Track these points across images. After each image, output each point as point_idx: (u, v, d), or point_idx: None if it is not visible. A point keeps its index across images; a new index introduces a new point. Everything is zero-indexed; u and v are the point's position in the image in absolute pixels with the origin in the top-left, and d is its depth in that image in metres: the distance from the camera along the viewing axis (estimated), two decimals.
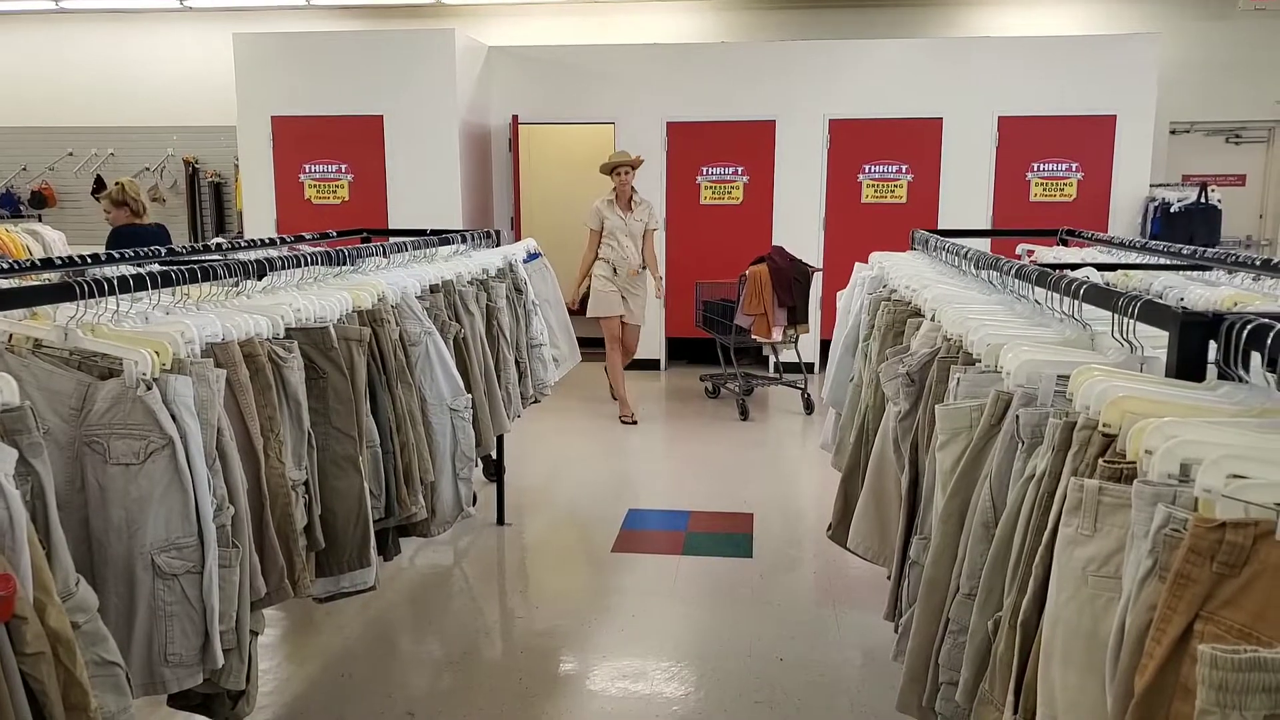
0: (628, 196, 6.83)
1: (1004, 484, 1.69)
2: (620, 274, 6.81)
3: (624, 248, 6.81)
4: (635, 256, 6.86)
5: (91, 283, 2.07)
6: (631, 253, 6.83)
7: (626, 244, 6.82)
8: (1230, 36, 8.71)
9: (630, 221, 6.83)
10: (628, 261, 6.82)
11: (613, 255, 6.81)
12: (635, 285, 6.90)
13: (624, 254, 6.80)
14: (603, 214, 6.83)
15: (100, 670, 1.67)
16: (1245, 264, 2.93)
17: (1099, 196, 8.10)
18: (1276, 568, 0.99)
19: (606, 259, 6.82)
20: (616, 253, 6.80)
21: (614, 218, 6.83)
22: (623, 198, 6.81)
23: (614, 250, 6.82)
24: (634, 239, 6.85)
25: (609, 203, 6.82)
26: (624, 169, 6.76)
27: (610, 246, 6.84)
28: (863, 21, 9.10)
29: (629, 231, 6.82)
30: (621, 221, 6.81)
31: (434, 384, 3.16)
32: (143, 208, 6.10)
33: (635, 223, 6.85)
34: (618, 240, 6.82)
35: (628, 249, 6.82)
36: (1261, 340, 1.33)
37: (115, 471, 1.91)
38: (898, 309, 2.91)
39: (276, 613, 3.64)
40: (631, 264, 6.82)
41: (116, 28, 9.82)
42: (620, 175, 6.75)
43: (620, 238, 6.81)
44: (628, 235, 6.83)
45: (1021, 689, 1.45)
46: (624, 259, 6.81)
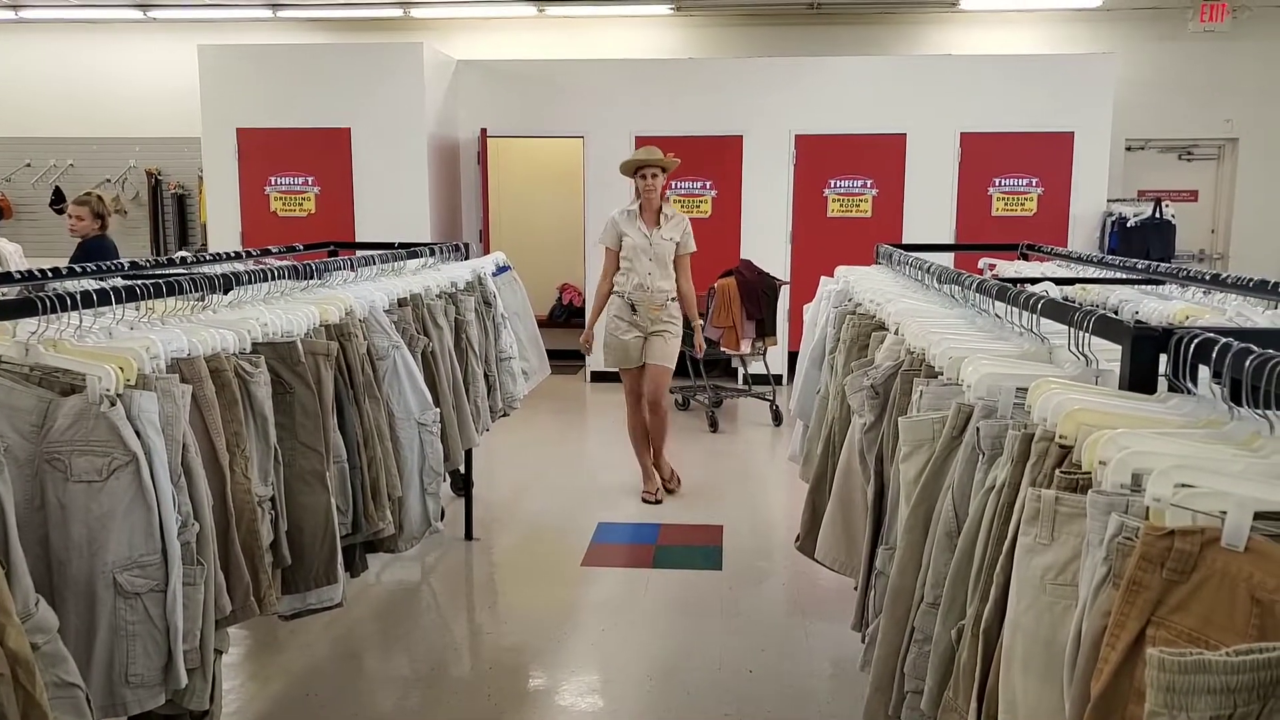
0: (656, 207, 5.22)
1: (966, 494, 1.72)
2: (640, 313, 5.15)
3: (646, 275, 5.16)
4: (660, 287, 5.19)
5: (53, 297, 2.05)
6: (656, 282, 5.17)
7: (650, 270, 5.17)
8: (1182, 57, 8.92)
9: (656, 240, 5.18)
10: (650, 296, 5.15)
11: (630, 286, 5.17)
12: (660, 319, 5.22)
13: (645, 283, 5.16)
14: (620, 228, 5.21)
15: (60, 692, 1.65)
16: (1196, 279, 3.01)
17: (1058, 211, 8.24)
18: (1223, 573, 1.02)
19: (622, 291, 5.18)
20: (635, 281, 5.17)
21: (635, 234, 5.19)
22: (649, 208, 5.21)
23: (633, 278, 5.18)
24: (660, 263, 5.20)
25: (629, 214, 5.23)
26: (650, 170, 5.14)
27: (628, 273, 5.19)
28: (829, 39, 9.21)
29: (654, 253, 5.17)
30: (645, 239, 5.17)
31: (402, 398, 3.16)
32: (104, 223, 6.05)
33: (663, 242, 5.19)
34: (638, 265, 5.17)
35: (651, 277, 5.17)
36: (1208, 354, 1.37)
37: (77, 489, 1.89)
38: (862, 323, 2.95)
39: (241, 631, 3.61)
40: (654, 299, 5.16)
41: (78, 38, 9.71)
42: (646, 179, 5.14)
43: (642, 261, 5.16)
44: (652, 258, 5.17)
45: (984, 696, 1.48)
46: (645, 292, 5.16)
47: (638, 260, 5.17)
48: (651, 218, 5.22)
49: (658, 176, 5.14)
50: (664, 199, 5.28)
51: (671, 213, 5.28)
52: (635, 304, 5.15)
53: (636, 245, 5.17)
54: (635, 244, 5.17)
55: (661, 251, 5.18)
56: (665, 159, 5.16)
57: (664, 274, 5.20)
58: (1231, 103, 8.91)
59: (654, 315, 5.17)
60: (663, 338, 5.21)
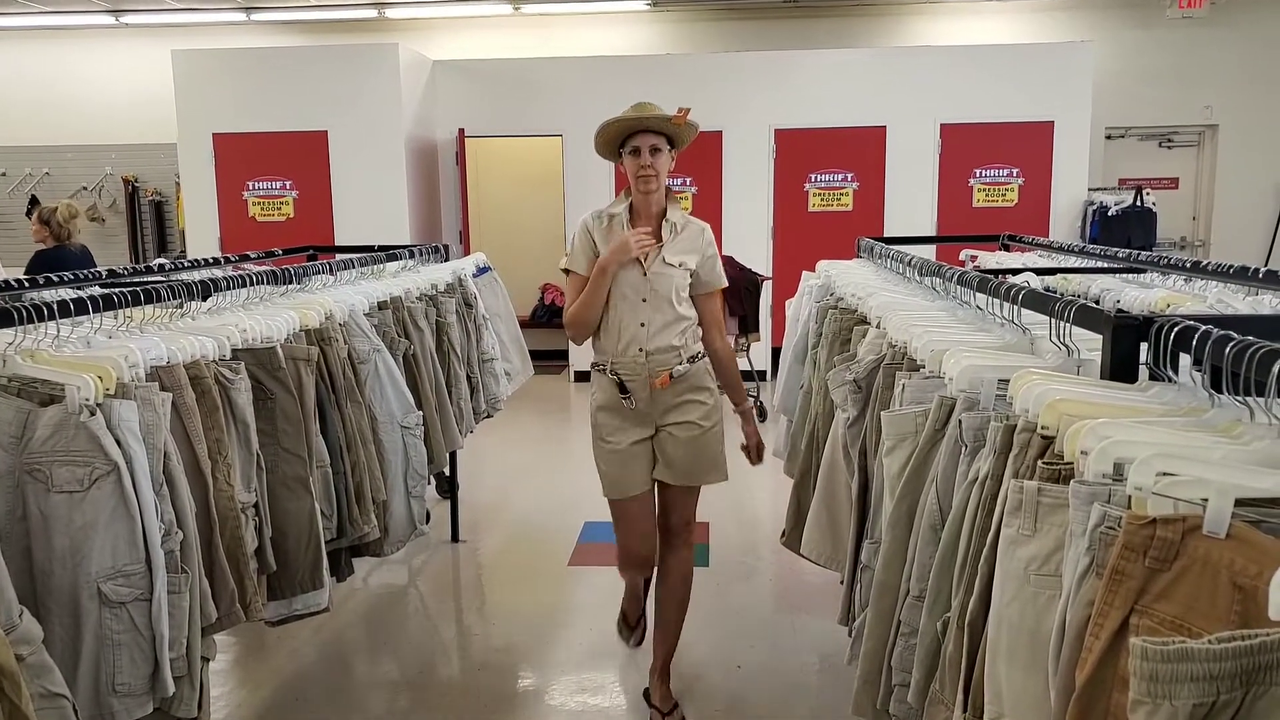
0: (657, 210, 2.99)
1: (949, 487, 1.73)
2: (637, 394, 2.96)
3: (639, 329, 2.95)
4: (666, 348, 2.96)
5: (30, 307, 2.03)
6: (658, 339, 2.95)
7: (646, 319, 2.95)
8: (1161, 44, 8.97)
9: (658, 268, 2.96)
10: (648, 366, 2.96)
11: (614, 351, 2.98)
12: (677, 397, 2.99)
13: (640, 344, 2.95)
14: (592, 243, 3.01)
15: (46, 703, 1.64)
16: (1177, 266, 3.03)
17: (1040, 201, 8.28)
18: (1204, 561, 1.03)
19: (603, 362, 3.01)
20: (623, 342, 2.97)
21: None
22: (645, 211, 2.99)
23: (618, 337, 2.98)
24: (663, 308, 2.96)
25: (609, 220, 3.02)
26: (649, 141, 2.91)
27: (609, 329, 2.99)
28: (806, 32, 9.22)
29: (652, 290, 2.95)
30: (636, 266, 2.95)
31: (384, 402, 3.14)
32: (66, 233, 5.85)
33: (669, 270, 2.97)
34: (625, 313, 2.96)
35: (649, 332, 2.95)
36: (1188, 342, 1.38)
37: (58, 500, 1.87)
38: (844, 317, 2.96)
39: (228, 637, 3.59)
40: (657, 367, 2.96)
41: (51, 45, 9.61)
42: (640, 155, 2.92)
43: (631, 305, 2.96)
44: (648, 298, 2.95)
45: (970, 687, 1.48)
46: (640, 361, 2.95)
47: (625, 304, 2.92)
48: (649, 224, 2.96)
49: (660, 153, 2.89)
50: (669, 196, 3.01)
51: (683, 219, 3.00)
52: (624, 381, 2.92)
53: (622, 279, 2.92)
54: (621, 276, 2.92)
55: (666, 287, 2.92)
56: (674, 118, 2.86)
57: (671, 325, 2.93)
58: (1211, 89, 8.97)
59: (662, 396, 2.94)
60: (690, 430, 2.96)
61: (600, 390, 3.04)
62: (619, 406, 2.99)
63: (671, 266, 2.97)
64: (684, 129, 2.93)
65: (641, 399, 2.97)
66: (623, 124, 2.91)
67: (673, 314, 2.98)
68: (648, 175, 2.92)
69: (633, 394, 2.96)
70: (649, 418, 3.00)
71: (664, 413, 3.00)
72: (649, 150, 2.91)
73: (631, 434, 3.00)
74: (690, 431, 3.00)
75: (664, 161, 2.94)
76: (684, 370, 2.98)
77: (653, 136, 2.92)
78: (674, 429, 3.00)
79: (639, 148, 2.92)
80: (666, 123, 2.89)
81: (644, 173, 2.92)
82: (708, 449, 3.03)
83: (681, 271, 2.99)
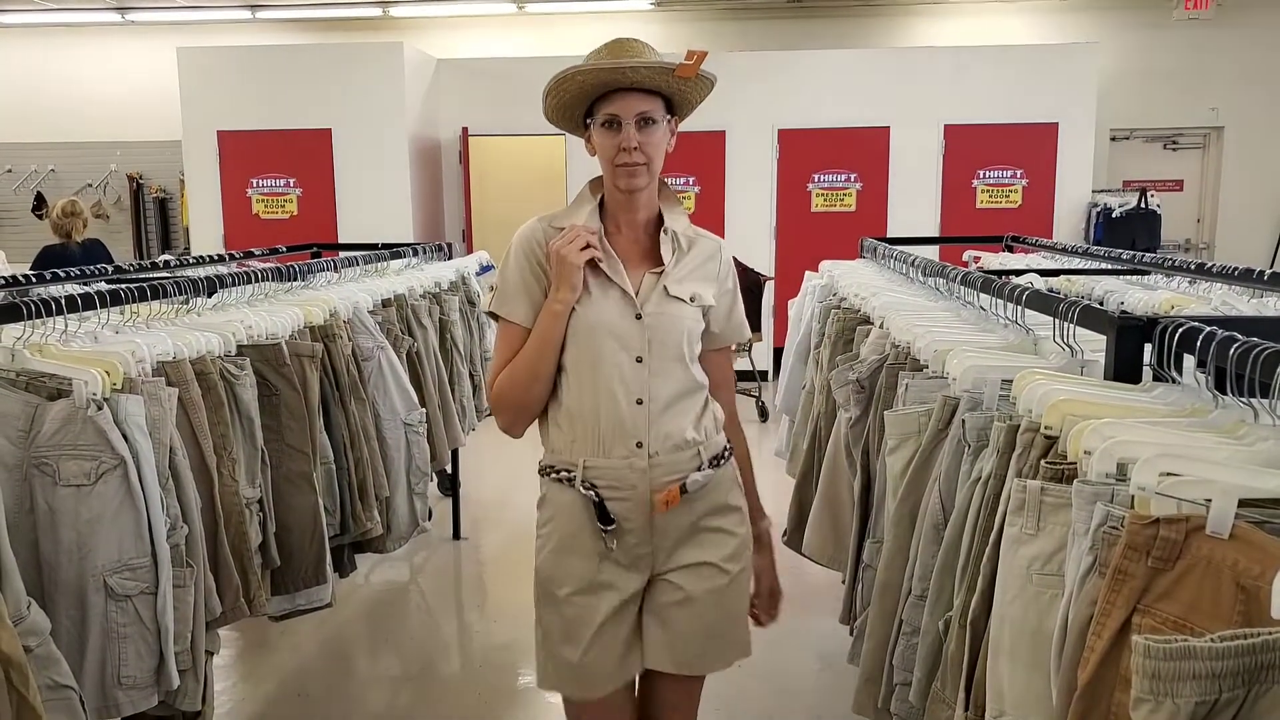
0: (646, 216, 1.88)
1: (952, 487, 1.73)
2: (629, 528, 1.80)
3: (624, 410, 1.78)
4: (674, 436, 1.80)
5: (38, 302, 2.04)
6: (663, 422, 1.79)
7: (648, 389, 1.78)
8: (1167, 45, 8.95)
9: (655, 304, 1.81)
10: (649, 471, 1.78)
11: (587, 445, 1.81)
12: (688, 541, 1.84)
13: (627, 436, 1.78)
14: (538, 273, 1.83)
15: (53, 694, 1.65)
16: (1181, 268, 3.03)
17: (1043, 203, 8.27)
18: (1207, 561, 1.03)
19: (564, 466, 1.83)
20: (603, 430, 1.80)
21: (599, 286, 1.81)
22: (624, 215, 1.86)
23: (595, 423, 1.80)
24: (671, 367, 1.81)
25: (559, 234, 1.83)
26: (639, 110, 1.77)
27: (578, 410, 1.81)
28: (810, 32, 9.22)
29: (650, 339, 1.79)
30: (623, 298, 1.81)
31: (388, 399, 3.15)
32: (64, 230, 5.76)
33: (677, 307, 1.83)
34: (604, 381, 1.79)
35: (648, 414, 1.78)
36: (1192, 343, 1.38)
37: (65, 493, 1.89)
38: (847, 317, 2.96)
39: (231, 632, 3.59)
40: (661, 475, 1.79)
41: (57, 42, 9.63)
42: (616, 129, 1.77)
43: (613, 366, 1.78)
44: (648, 354, 1.79)
45: (972, 686, 1.49)
46: (627, 468, 1.78)
47: (604, 367, 1.80)
48: (637, 240, 1.89)
49: (654, 126, 1.80)
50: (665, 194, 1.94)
51: (690, 231, 1.95)
52: (610, 501, 1.80)
53: (597, 324, 1.80)
54: (598, 315, 1.80)
55: (673, 335, 1.83)
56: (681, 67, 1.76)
57: (684, 400, 1.84)
58: (1217, 91, 8.94)
59: (668, 522, 1.83)
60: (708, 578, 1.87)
61: (558, 515, 1.83)
62: (592, 546, 1.80)
63: (679, 301, 1.82)
64: (693, 84, 1.80)
65: (635, 532, 1.79)
66: (591, 77, 1.75)
67: (685, 380, 1.82)
68: (633, 165, 1.76)
69: (620, 524, 1.78)
70: (642, 560, 1.82)
71: (667, 551, 1.83)
72: (635, 122, 1.75)
73: (610, 591, 1.81)
74: (709, 581, 1.84)
75: (660, 139, 1.79)
76: (703, 481, 1.81)
77: (641, 98, 1.77)
78: (682, 578, 1.84)
79: (617, 117, 1.76)
80: (666, 75, 1.76)
81: (627, 159, 1.76)
82: (732, 609, 1.90)
83: (694, 310, 1.84)
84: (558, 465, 1.86)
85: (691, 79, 1.79)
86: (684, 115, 1.90)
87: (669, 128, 1.85)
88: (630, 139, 1.77)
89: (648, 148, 1.79)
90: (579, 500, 1.82)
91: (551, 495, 1.89)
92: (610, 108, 1.79)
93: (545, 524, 1.90)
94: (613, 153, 1.79)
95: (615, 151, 1.78)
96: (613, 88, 1.79)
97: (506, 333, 1.86)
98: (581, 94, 1.81)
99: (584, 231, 1.80)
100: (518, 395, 1.86)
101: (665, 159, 1.86)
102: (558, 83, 1.80)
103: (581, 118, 1.86)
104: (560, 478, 1.85)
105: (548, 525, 1.89)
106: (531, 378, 1.83)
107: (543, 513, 1.91)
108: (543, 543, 1.90)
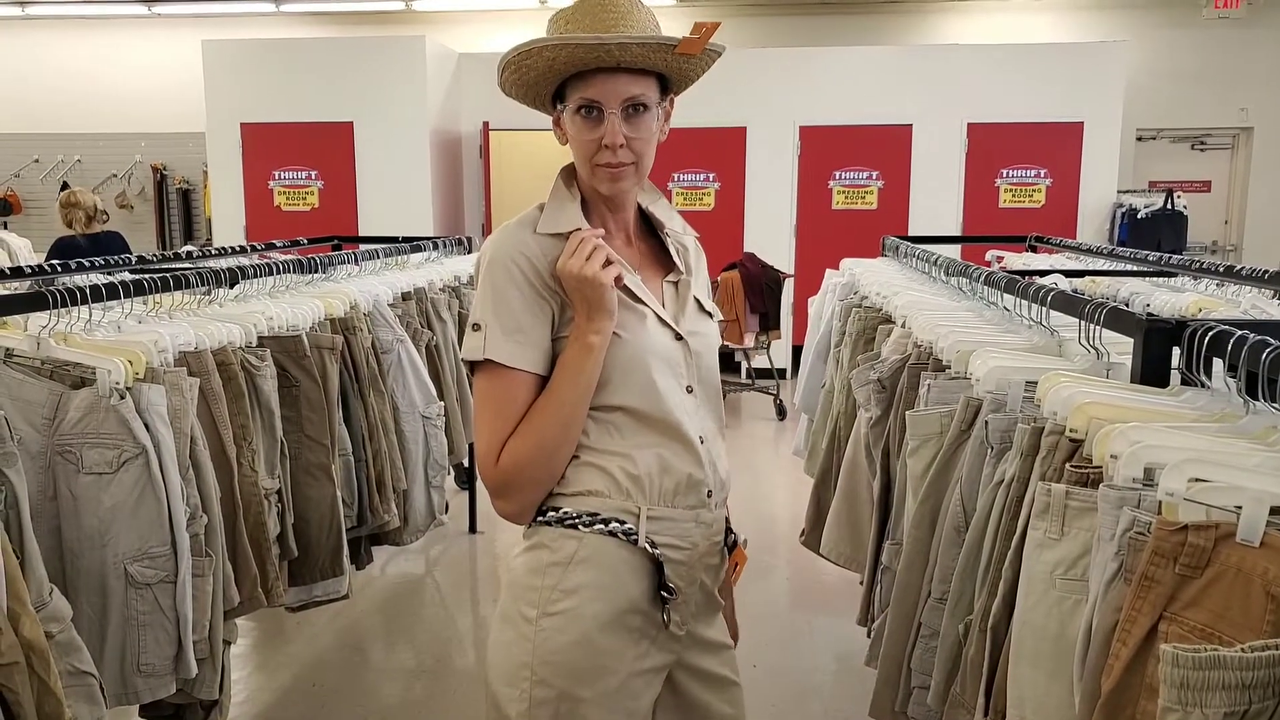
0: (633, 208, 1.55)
1: (974, 489, 1.72)
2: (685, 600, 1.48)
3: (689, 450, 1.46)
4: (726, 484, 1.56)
5: (63, 291, 2.06)
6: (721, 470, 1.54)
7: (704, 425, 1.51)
8: (1196, 44, 8.86)
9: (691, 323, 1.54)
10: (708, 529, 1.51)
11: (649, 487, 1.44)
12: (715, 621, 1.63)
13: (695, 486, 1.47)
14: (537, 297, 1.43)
15: (74, 680, 1.66)
16: (1209, 270, 2.99)
17: (1067, 203, 8.20)
18: (1236, 569, 1.01)
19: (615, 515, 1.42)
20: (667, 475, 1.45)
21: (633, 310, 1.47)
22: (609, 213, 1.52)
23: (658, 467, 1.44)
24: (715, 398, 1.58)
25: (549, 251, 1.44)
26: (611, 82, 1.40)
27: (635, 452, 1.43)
28: (833, 29, 9.18)
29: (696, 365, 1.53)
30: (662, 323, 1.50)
31: (406, 391, 3.16)
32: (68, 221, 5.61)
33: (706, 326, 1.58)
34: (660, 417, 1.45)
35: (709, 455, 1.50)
36: (1223, 347, 1.36)
37: (88, 481, 1.90)
38: (869, 315, 2.94)
39: (248, 622, 3.61)
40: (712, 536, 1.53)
41: (84, 34, 9.71)
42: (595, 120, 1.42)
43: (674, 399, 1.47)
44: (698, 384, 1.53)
45: (992, 691, 1.48)
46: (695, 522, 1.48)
47: (667, 395, 1.46)
48: (629, 243, 1.56)
49: (644, 114, 1.44)
50: None
51: (680, 223, 1.65)
52: (674, 566, 1.46)
53: (648, 343, 1.47)
54: (646, 340, 1.46)
55: (711, 360, 1.59)
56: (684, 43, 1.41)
57: (719, 436, 1.59)
58: (1246, 91, 8.84)
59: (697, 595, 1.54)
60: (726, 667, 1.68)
61: (603, 581, 1.42)
62: (640, 624, 1.45)
63: (707, 317, 1.59)
64: (697, 59, 1.46)
65: (687, 603, 1.51)
66: (564, 54, 1.39)
67: (721, 413, 1.60)
68: (619, 167, 1.44)
69: (679, 594, 1.47)
70: (680, 640, 1.53)
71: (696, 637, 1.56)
72: (622, 111, 1.42)
73: (655, 683, 1.51)
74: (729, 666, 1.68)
75: (651, 130, 1.46)
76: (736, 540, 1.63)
77: (629, 79, 1.42)
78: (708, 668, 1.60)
79: (597, 104, 1.42)
80: (665, 53, 1.42)
81: (610, 159, 1.43)
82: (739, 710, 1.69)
83: (715, 326, 1.62)
84: (605, 513, 1.42)
85: (698, 54, 1.44)
86: (680, 92, 1.54)
87: (661, 113, 1.49)
88: (615, 134, 1.41)
89: (636, 144, 1.43)
90: (636, 561, 1.43)
91: (593, 553, 1.41)
92: (588, 91, 1.41)
93: (573, 593, 1.40)
94: (591, 149, 1.43)
95: (595, 148, 1.43)
96: (592, 66, 1.40)
97: (508, 385, 1.41)
98: (550, 72, 1.42)
99: (595, 239, 1.42)
100: (544, 466, 1.42)
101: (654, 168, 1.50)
102: (519, 56, 1.41)
103: (550, 97, 1.49)
104: (613, 530, 1.42)
105: (577, 595, 1.40)
106: (564, 439, 1.42)
107: (569, 576, 1.40)
108: (563, 622, 1.39)
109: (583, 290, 1.40)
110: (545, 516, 1.44)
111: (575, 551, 1.41)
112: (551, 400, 1.41)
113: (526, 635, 1.40)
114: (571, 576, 1.41)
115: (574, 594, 1.40)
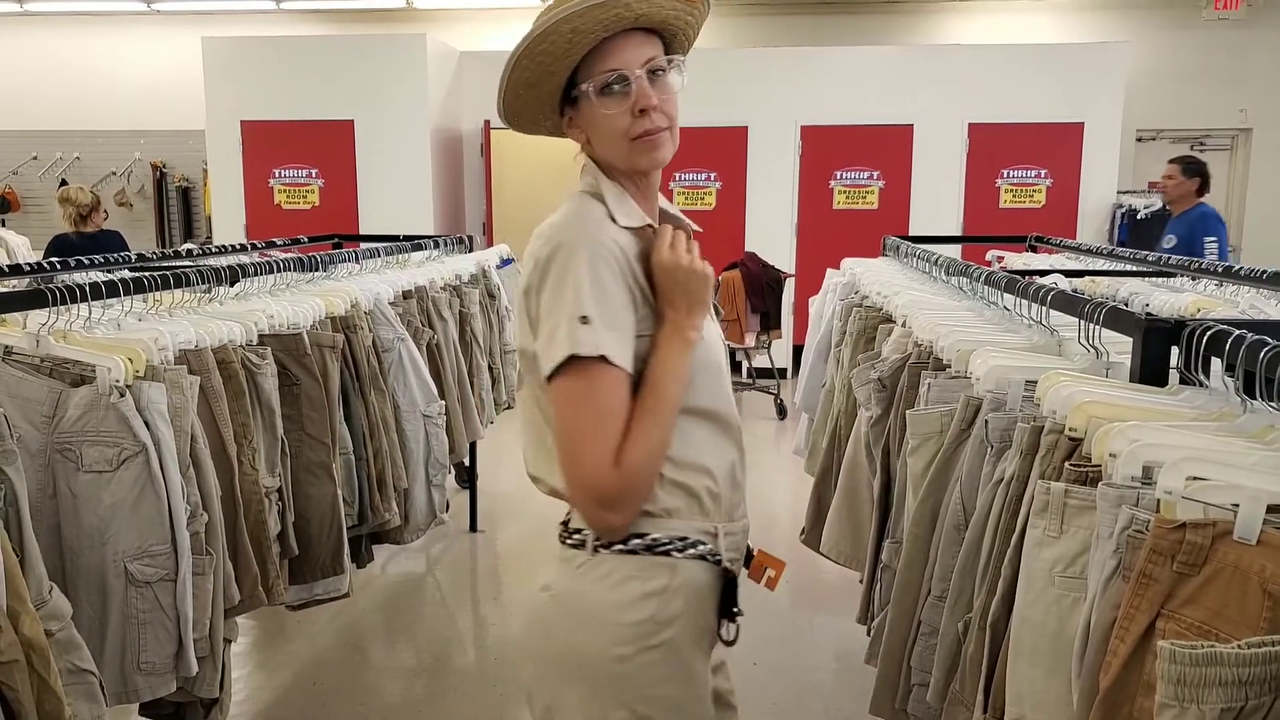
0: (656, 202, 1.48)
1: (974, 487, 1.72)
2: None
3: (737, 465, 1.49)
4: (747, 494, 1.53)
5: (63, 289, 2.06)
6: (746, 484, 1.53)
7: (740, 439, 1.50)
8: (1196, 45, 8.86)
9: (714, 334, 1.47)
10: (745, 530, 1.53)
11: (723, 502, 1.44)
12: None
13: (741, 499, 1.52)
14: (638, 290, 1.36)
15: (74, 678, 1.66)
16: (1208, 271, 3.00)
17: (1067, 203, 8.20)
18: (1234, 566, 1.02)
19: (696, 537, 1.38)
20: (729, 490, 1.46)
21: None
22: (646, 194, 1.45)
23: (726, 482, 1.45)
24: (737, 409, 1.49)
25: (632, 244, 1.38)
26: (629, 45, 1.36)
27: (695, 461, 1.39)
28: (835, 28, 9.18)
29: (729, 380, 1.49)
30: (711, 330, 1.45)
31: (407, 390, 3.16)
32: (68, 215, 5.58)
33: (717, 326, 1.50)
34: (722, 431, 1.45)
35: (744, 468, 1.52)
36: (1221, 346, 1.37)
37: (88, 479, 1.90)
38: (869, 315, 2.95)
39: (248, 620, 3.61)
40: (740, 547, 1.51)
41: (83, 30, 9.70)
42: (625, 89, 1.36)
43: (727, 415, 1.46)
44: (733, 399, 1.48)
45: (991, 688, 1.48)
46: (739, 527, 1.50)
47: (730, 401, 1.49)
48: None
49: (664, 75, 1.39)
50: None
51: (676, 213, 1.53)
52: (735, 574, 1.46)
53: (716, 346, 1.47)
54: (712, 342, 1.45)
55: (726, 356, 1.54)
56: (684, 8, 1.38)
57: None
58: (1246, 92, 8.84)
59: None
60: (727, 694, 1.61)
61: (691, 607, 1.39)
62: (709, 645, 1.47)
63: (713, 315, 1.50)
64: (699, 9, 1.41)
65: None
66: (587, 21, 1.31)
67: None
68: (657, 132, 1.38)
69: None
70: None
71: None
72: (646, 71, 1.37)
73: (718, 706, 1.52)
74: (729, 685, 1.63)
75: (674, 92, 1.41)
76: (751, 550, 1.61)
77: (642, 40, 1.38)
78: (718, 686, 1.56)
79: (621, 73, 1.36)
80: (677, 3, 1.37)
81: (649, 125, 1.37)
82: None
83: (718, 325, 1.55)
84: (692, 536, 1.37)
85: (700, 5, 1.39)
86: (678, 52, 1.43)
87: (679, 74, 1.42)
88: (647, 94, 1.35)
89: (667, 104, 1.38)
90: (714, 581, 1.41)
91: (685, 580, 1.36)
92: (608, 61, 1.35)
93: (669, 624, 1.34)
94: (626, 122, 1.36)
95: (629, 120, 1.36)
96: (614, 30, 1.33)
97: (616, 386, 1.30)
98: (572, 46, 1.33)
99: (680, 233, 1.40)
100: (655, 474, 1.35)
101: None
102: (535, 40, 1.33)
103: (559, 101, 1.42)
104: (702, 554, 1.37)
105: (673, 626, 1.34)
106: (668, 444, 1.36)
107: (666, 607, 1.34)
108: (662, 654, 1.34)
109: (687, 284, 1.37)
110: (629, 544, 1.35)
111: (669, 581, 1.35)
112: (661, 401, 1.33)
113: (623, 674, 1.33)
114: (668, 607, 1.35)
115: (670, 625, 1.35)
